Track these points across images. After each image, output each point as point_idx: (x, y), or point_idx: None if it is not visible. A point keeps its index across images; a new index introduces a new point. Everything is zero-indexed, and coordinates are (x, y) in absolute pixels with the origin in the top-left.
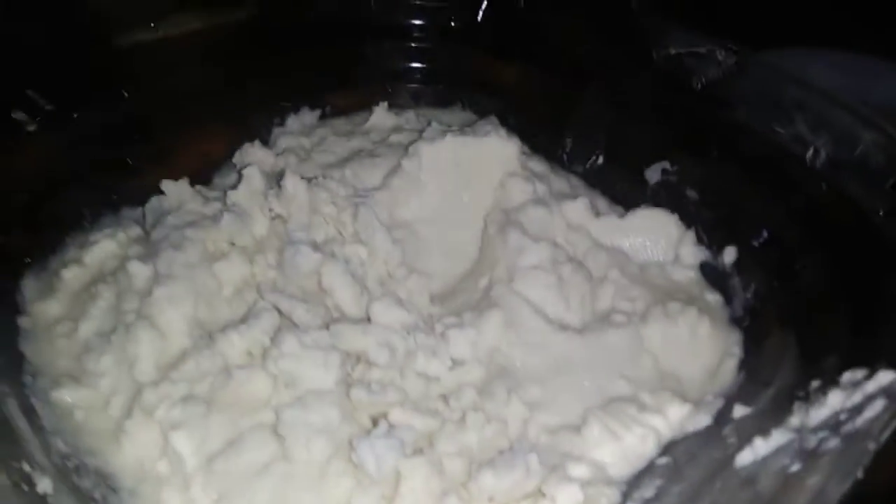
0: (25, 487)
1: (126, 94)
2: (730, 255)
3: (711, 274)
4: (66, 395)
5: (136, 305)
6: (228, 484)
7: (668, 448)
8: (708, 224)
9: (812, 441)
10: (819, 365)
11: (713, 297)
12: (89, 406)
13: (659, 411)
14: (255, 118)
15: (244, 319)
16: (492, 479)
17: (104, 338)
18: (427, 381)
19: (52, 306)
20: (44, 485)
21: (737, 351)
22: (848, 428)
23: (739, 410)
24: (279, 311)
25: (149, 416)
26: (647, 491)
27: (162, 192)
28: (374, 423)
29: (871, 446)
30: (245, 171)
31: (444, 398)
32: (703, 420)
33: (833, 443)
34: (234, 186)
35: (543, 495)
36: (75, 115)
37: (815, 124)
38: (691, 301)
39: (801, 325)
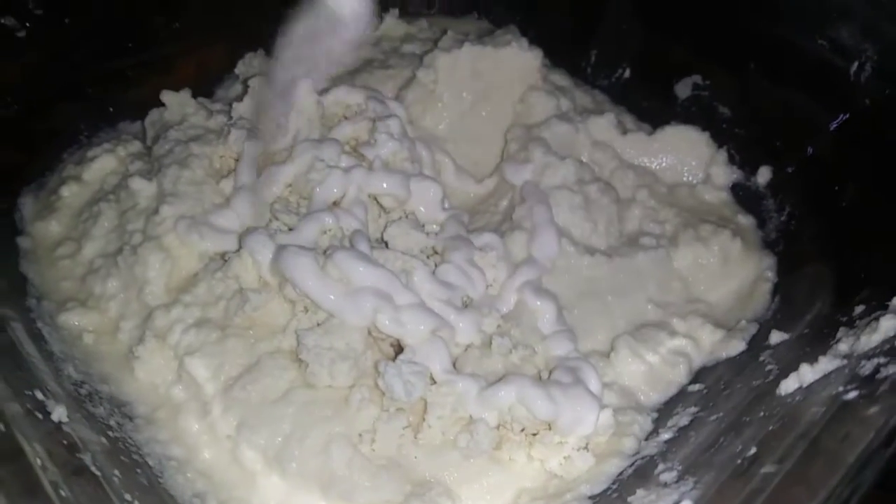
0: (39, 416)
1: None
2: (764, 175)
3: (744, 195)
4: (74, 319)
5: (141, 225)
6: (248, 410)
7: (700, 375)
8: (741, 142)
9: (867, 367)
10: (858, 291)
11: (746, 220)
12: (98, 330)
13: (690, 337)
14: (257, 25)
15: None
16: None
17: (110, 259)
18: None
19: (52, 226)
20: (58, 413)
21: (771, 275)
22: None
23: (776, 337)
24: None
25: (161, 341)
26: (682, 419)
27: (162, 105)
28: (397, 351)
29: None
30: (251, 82)
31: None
32: (738, 346)
33: (893, 369)
34: (239, 98)
35: None
36: (66, 21)
37: (862, 34)
38: (723, 223)
39: (839, 250)
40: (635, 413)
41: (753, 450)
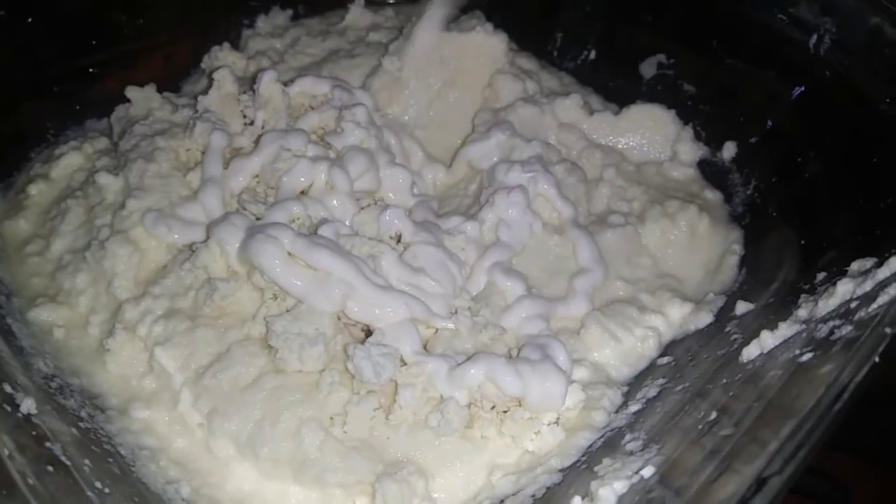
0: (8, 408)
1: None
2: (729, 150)
3: (710, 171)
4: (44, 315)
5: (108, 220)
6: (219, 398)
7: (669, 348)
8: (706, 119)
9: (822, 330)
10: (822, 258)
11: (713, 195)
12: (69, 325)
13: (659, 311)
14: (223, 19)
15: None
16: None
17: (78, 255)
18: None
19: (20, 224)
20: (27, 405)
21: (737, 248)
22: (861, 315)
23: (742, 307)
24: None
25: (131, 333)
26: (650, 391)
27: (128, 101)
28: (367, 335)
29: (888, 331)
30: (216, 75)
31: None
32: (705, 318)
33: (846, 330)
34: (205, 92)
35: None
36: (30, 19)
37: (821, 7)
38: (690, 199)
39: (803, 220)
40: (605, 387)
41: (714, 415)
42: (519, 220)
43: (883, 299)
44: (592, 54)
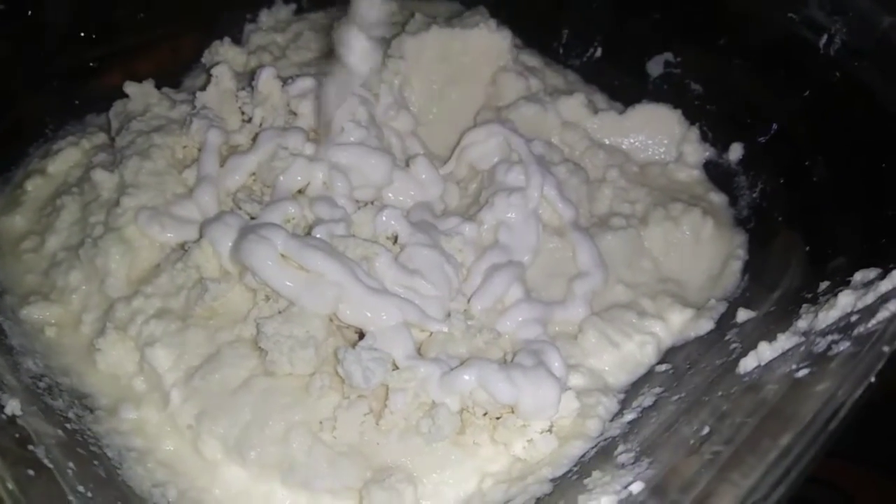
0: None
1: None
2: (736, 152)
3: (716, 172)
4: (36, 313)
5: (103, 217)
6: (208, 400)
7: (668, 355)
8: (713, 119)
9: (821, 345)
10: (827, 266)
11: (718, 198)
12: (60, 323)
13: (659, 317)
14: (226, 13)
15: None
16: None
17: (72, 252)
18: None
19: (16, 221)
20: (11, 406)
21: (741, 253)
22: (860, 330)
23: (743, 315)
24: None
25: (122, 333)
26: (646, 399)
27: (127, 96)
28: (360, 337)
29: (885, 349)
30: (214, 71)
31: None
32: (706, 325)
33: (844, 346)
34: (204, 88)
35: None
36: (29, 13)
37: (831, 7)
38: (694, 201)
39: (809, 226)
40: (601, 395)
41: (707, 430)
42: (521, 225)
43: (883, 315)
44: (599, 52)
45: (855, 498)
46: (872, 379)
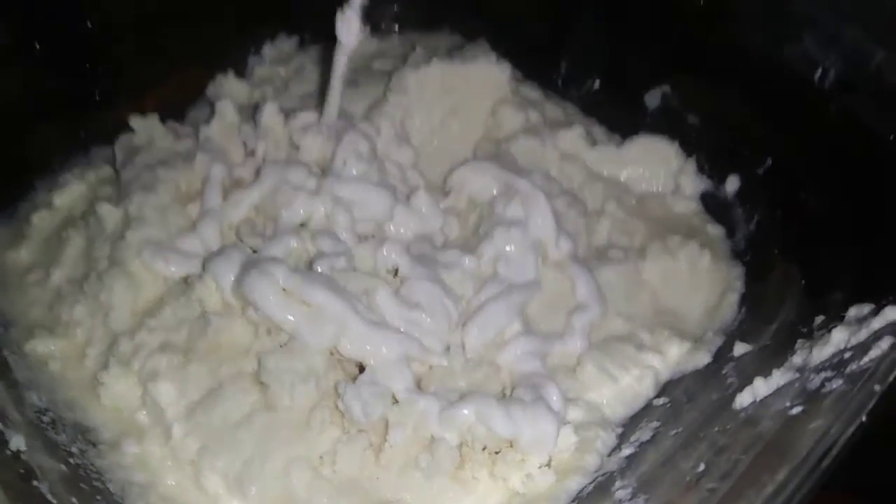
0: None
1: (90, 25)
2: (732, 184)
3: (713, 205)
4: (40, 346)
5: (107, 251)
6: (210, 434)
7: (666, 388)
8: (710, 152)
9: (815, 381)
10: (824, 300)
11: (715, 230)
12: (65, 357)
13: (657, 350)
14: (230, 46)
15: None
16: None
17: (77, 285)
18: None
19: (22, 254)
20: (16, 441)
21: (738, 286)
22: (853, 368)
23: (740, 348)
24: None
25: (126, 367)
26: (644, 433)
27: (132, 129)
28: (361, 370)
29: (877, 388)
30: (217, 105)
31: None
32: (703, 358)
33: (837, 384)
34: (208, 121)
35: None
36: (37, 47)
37: (825, 41)
38: (692, 234)
39: (806, 259)
40: (599, 428)
41: (702, 466)
42: (520, 258)
43: (875, 353)
44: (597, 84)
45: None
46: (864, 418)
